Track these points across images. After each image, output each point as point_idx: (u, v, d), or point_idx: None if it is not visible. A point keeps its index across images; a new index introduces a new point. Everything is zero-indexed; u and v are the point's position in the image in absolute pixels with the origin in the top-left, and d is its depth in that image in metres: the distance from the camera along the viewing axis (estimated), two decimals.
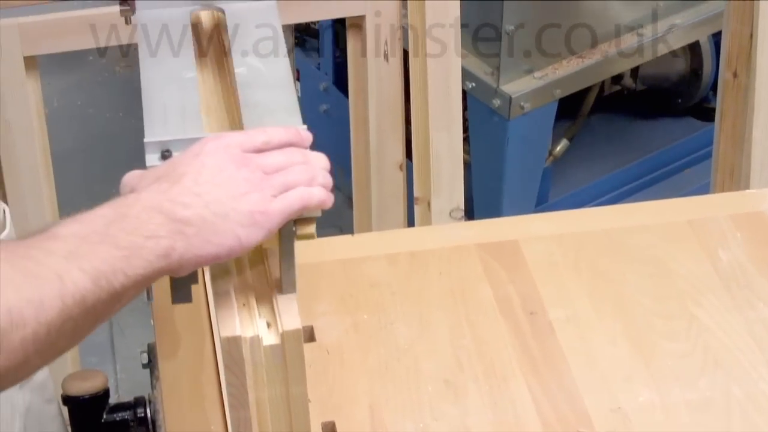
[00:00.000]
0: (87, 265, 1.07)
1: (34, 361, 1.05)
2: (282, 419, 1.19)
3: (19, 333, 1.02)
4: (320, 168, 1.21)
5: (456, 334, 1.59)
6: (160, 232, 1.11)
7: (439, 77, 2.30)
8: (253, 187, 1.15)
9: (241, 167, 1.16)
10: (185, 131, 1.26)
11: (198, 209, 1.13)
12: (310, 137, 1.23)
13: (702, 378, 1.52)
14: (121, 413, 1.67)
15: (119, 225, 1.10)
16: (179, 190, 1.13)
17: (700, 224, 1.75)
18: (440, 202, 2.39)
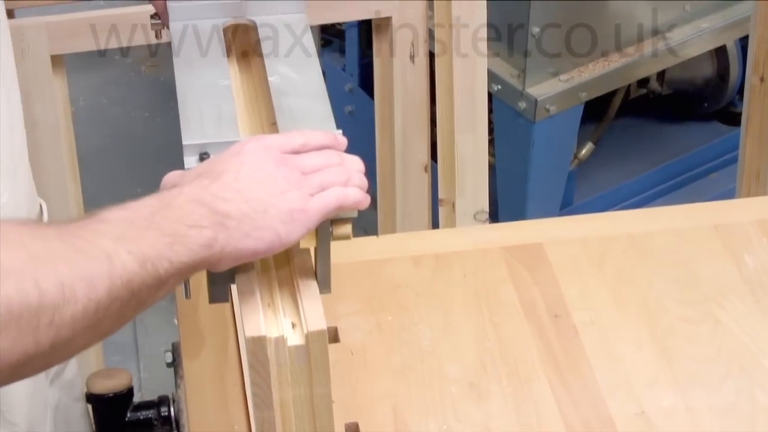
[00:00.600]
0: (134, 248, 1.08)
1: (81, 339, 1.06)
2: (306, 420, 1.20)
3: (70, 308, 1.03)
4: (356, 170, 1.23)
5: (480, 336, 1.59)
6: (202, 223, 1.12)
7: (465, 79, 2.31)
8: (291, 186, 1.17)
9: (280, 166, 1.18)
10: (222, 135, 1.27)
11: (238, 204, 1.14)
12: (345, 141, 1.24)
13: (726, 383, 1.52)
14: (145, 412, 1.68)
15: (164, 213, 1.12)
16: (220, 186, 1.15)
17: (725, 229, 1.75)
18: (465, 204, 2.40)
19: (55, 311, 1.02)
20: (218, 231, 1.13)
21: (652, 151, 3.26)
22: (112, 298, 1.06)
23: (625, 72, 2.86)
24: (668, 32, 2.90)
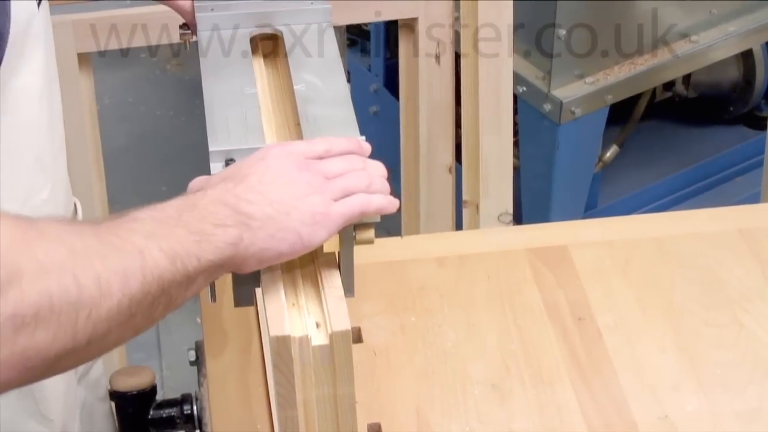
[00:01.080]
0: (165, 245, 1.10)
1: (115, 334, 1.08)
2: (329, 419, 1.20)
3: (106, 303, 1.04)
4: (378, 175, 1.23)
5: (503, 338, 1.59)
6: (227, 222, 1.14)
7: (491, 80, 2.31)
8: (314, 190, 1.18)
9: (303, 171, 1.19)
10: (248, 141, 1.28)
11: (262, 206, 1.16)
12: (369, 147, 1.25)
13: (751, 387, 1.52)
14: (168, 410, 1.68)
15: (190, 213, 1.13)
16: (244, 188, 1.16)
17: (750, 233, 1.74)
18: (489, 206, 2.39)
19: (92, 306, 1.03)
20: (243, 230, 1.14)
21: (677, 155, 3.25)
22: (144, 293, 1.08)
23: (650, 75, 2.86)
24: (694, 35, 2.90)
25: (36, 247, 1.01)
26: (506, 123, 2.35)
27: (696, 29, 2.89)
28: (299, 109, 1.34)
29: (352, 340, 1.18)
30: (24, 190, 1.39)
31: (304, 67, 1.42)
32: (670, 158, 3.24)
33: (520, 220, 2.83)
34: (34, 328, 0.99)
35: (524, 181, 2.88)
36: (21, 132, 1.36)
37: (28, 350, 1.00)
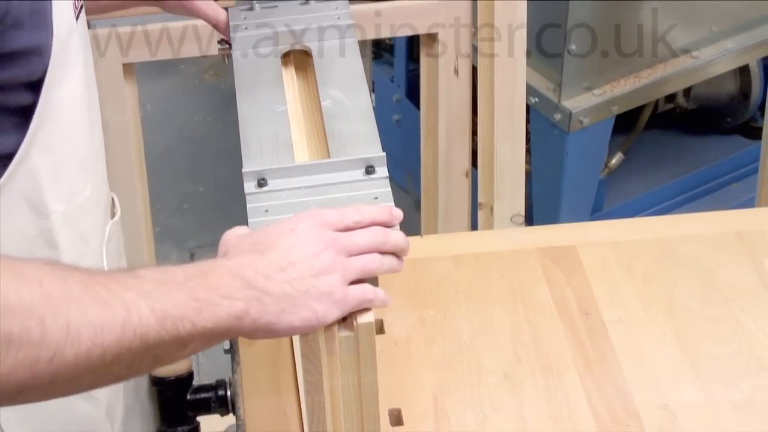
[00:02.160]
0: (157, 306, 1.07)
1: (87, 378, 1.06)
2: (353, 405, 1.20)
3: (73, 348, 1.02)
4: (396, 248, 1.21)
5: (515, 331, 1.59)
6: (236, 295, 1.11)
7: (505, 92, 2.30)
8: (335, 268, 1.15)
9: (329, 247, 1.16)
10: (278, 161, 1.28)
11: (280, 284, 1.13)
12: (401, 215, 1.21)
13: (745, 379, 1.51)
14: (204, 394, 1.69)
15: (198, 281, 1.10)
16: (266, 263, 1.13)
17: (747, 235, 1.74)
18: (502, 208, 2.39)
19: (56, 350, 1.01)
20: (252, 305, 1.11)
21: (678, 162, 3.24)
22: (122, 347, 1.05)
23: (653, 88, 2.85)
24: (695, 51, 2.89)
25: (8, 286, 1.00)
26: (519, 131, 2.35)
27: (697, 45, 2.89)
28: (326, 124, 1.34)
29: (375, 331, 1.18)
30: (68, 189, 1.39)
31: (331, 82, 1.42)
32: (672, 165, 3.23)
33: (532, 222, 2.82)
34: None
35: (535, 185, 2.87)
36: (65, 137, 1.36)
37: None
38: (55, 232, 1.38)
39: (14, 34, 1.21)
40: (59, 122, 1.34)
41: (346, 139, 1.32)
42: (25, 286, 1.01)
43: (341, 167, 1.28)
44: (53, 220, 1.37)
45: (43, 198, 1.35)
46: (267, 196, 1.26)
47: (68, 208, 1.39)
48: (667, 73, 2.85)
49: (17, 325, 0.99)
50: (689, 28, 2.87)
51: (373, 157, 1.28)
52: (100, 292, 1.05)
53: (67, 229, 1.40)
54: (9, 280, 1.00)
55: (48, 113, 1.31)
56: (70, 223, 1.40)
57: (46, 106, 1.30)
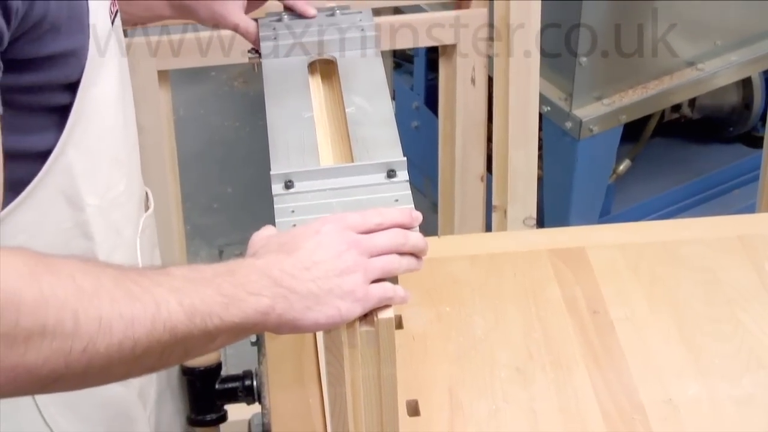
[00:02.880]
0: (187, 301, 1.07)
1: (118, 369, 1.06)
2: (373, 396, 1.19)
3: (105, 340, 1.03)
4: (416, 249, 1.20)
5: (527, 328, 1.59)
6: (263, 292, 1.11)
7: (519, 101, 2.30)
8: (357, 268, 1.15)
9: (351, 248, 1.16)
10: (304, 164, 1.28)
11: (305, 282, 1.13)
12: (419, 218, 1.21)
13: (745, 376, 1.51)
14: (231, 384, 1.69)
15: (227, 278, 1.11)
16: (292, 263, 1.13)
17: (748, 239, 1.73)
18: (515, 211, 2.39)
19: (89, 341, 1.02)
20: (278, 301, 1.12)
21: (682, 169, 3.24)
22: (152, 339, 1.05)
23: (660, 98, 2.85)
24: (700, 64, 2.88)
25: (42, 280, 1.00)
26: (532, 138, 2.34)
27: (702, 58, 2.88)
28: (350, 130, 1.34)
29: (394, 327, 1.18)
30: (103, 184, 1.40)
31: (355, 90, 1.42)
32: (677, 172, 3.22)
33: (543, 224, 2.82)
34: (25, 350, 0.99)
35: (547, 189, 2.87)
36: (100, 134, 1.36)
37: (18, 367, 0.99)
38: (90, 224, 1.38)
39: (52, 38, 1.21)
40: (94, 121, 1.34)
41: (369, 144, 1.32)
42: (59, 280, 1.02)
43: (364, 171, 1.28)
44: (88, 212, 1.37)
45: (79, 192, 1.35)
46: (293, 198, 1.26)
47: (102, 201, 1.40)
48: (673, 85, 2.84)
49: (52, 317, 1.00)
50: (694, 42, 2.86)
51: (394, 161, 1.28)
52: (131, 288, 1.05)
53: (101, 221, 1.40)
54: (44, 275, 1.01)
55: (84, 112, 1.31)
56: (104, 216, 1.40)
57: (82, 106, 1.30)
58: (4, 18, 1.10)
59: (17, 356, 0.99)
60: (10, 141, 1.13)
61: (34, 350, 1.00)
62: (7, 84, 1.13)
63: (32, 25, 1.16)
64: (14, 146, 1.19)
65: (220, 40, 2.22)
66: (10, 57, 1.14)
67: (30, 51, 1.19)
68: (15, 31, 1.13)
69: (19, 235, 1.28)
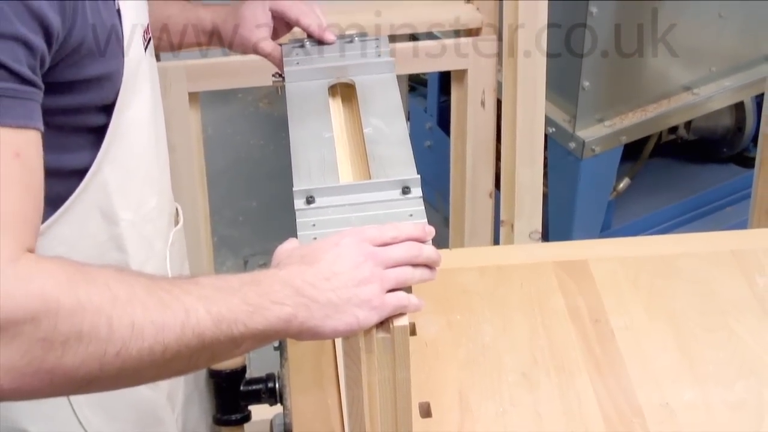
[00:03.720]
0: (214, 309, 1.08)
1: (149, 372, 1.07)
2: (388, 398, 1.19)
3: (137, 344, 1.03)
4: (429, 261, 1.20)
5: (533, 335, 1.58)
6: (286, 301, 1.11)
7: (526, 123, 2.30)
8: (374, 279, 1.15)
9: (369, 260, 1.16)
10: (325, 181, 1.28)
11: (326, 292, 1.13)
12: (432, 232, 1.21)
13: (738, 382, 1.50)
14: (255, 386, 1.69)
15: (252, 287, 1.11)
16: (313, 273, 1.14)
17: (740, 254, 1.72)
18: (522, 225, 2.38)
19: (122, 346, 1.02)
20: (300, 310, 1.12)
21: (679, 187, 3.23)
22: (180, 344, 1.06)
23: (658, 120, 2.84)
24: (695, 88, 2.88)
25: (79, 288, 1.01)
26: (538, 157, 2.34)
27: (697, 83, 2.88)
28: (367, 149, 1.34)
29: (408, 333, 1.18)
30: (136, 200, 1.40)
31: (372, 112, 1.42)
32: (673, 190, 3.22)
33: (548, 238, 2.81)
34: (62, 354, 1.00)
35: (551, 205, 2.86)
36: (134, 153, 1.37)
37: (56, 369, 1.00)
38: (124, 237, 1.38)
39: (89, 63, 1.21)
40: (128, 140, 1.34)
41: (385, 163, 1.31)
42: (95, 288, 1.02)
43: (380, 187, 1.28)
44: (122, 226, 1.38)
45: (113, 207, 1.35)
46: (314, 212, 1.26)
47: (135, 216, 1.40)
48: (670, 108, 2.84)
49: (88, 322, 1.00)
50: (691, 68, 2.86)
51: (408, 179, 1.28)
52: (162, 296, 1.06)
53: (134, 234, 1.40)
54: (81, 283, 1.01)
55: (118, 132, 1.31)
56: (137, 230, 1.41)
57: (117, 126, 1.31)
58: (46, 41, 1.10)
59: (55, 359, 1.00)
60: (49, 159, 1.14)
61: (70, 354, 1.00)
62: (47, 105, 1.14)
63: (71, 50, 1.17)
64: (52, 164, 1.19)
65: (247, 65, 2.22)
66: (51, 80, 1.15)
67: (69, 75, 1.19)
68: (55, 55, 1.14)
69: (58, 247, 1.28)
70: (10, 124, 1.05)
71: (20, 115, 1.06)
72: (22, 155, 1.06)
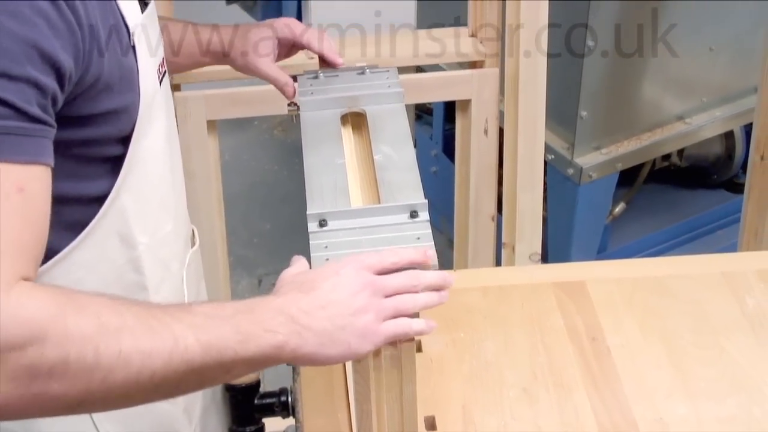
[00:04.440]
0: (204, 336, 1.07)
1: (137, 396, 1.07)
2: (396, 412, 1.19)
3: (123, 371, 1.03)
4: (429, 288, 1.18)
5: (533, 352, 1.58)
6: (278, 329, 1.10)
7: (527, 150, 2.30)
8: (370, 308, 1.13)
9: (366, 289, 1.14)
10: (337, 205, 1.28)
11: (321, 320, 1.12)
12: (434, 256, 1.19)
13: (729, 398, 1.49)
14: (269, 399, 1.69)
15: (245, 316, 1.10)
16: (309, 302, 1.12)
17: (731, 275, 1.72)
18: (522, 248, 2.38)
19: (108, 372, 1.02)
20: (292, 338, 1.10)
21: (672, 211, 3.22)
22: (168, 370, 1.05)
23: (652, 148, 2.84)
24: (688, 118, 2.88)
25: (68, 317, 1.01)
26: (538, 183, 2.34)
27: (689, 113, 2.88)
28: (377, 175, 1.34)
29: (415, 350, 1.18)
30: (153, 225, 1.40)
31: (382, 139, 1.41)
32: (667, 214, 3.21)
33: (547, 260, 2.81)
34: (48, 380, 1.00)
35: (551, 228, 2.86)
36: (149, 180, 1.37)
37: (42, 395, 1.00)
38: (141, 260, 1.38)
39: (106, 97, 1.21)
40: (145, 169, 1.34)
41: (394, 188, 1.31)
42: (84, 318, 1.02)
43: (389, 211, 1.28)
44: (140, 250, 1.37)
45: (132, 232, 1.35)
46: (327, 235, 1.26)
47: (152, 240, 1.40)
48: (663, 136, 2.84)
49: (74, 351, 1.00)
50: (683, 99, 2.86)
51: (416, 203, 1.28)
52: (152, 324, 1.06)
53: (151, 257, 1.40)
54: (70, 312, 1.02)
55: (136, 161, 1.31)
56: (153, 253, 1.40)
57: (134, 156, 1.31)
58: (58, 82, 1.10)
59: (41, 385, 1.00)
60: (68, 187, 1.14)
61: (56, 380, 1.01)
62: (67, 138, 1.14)
63: (88, 86, 1.17)
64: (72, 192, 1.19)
65: (264, 94, 2.23)
66: (68, 114, 1.15)
67: (86, 109, 1.19)
68: (71, 92, 1.14)
69: (77, 271, 1.29)
70: (16, 160, 1.05)
71: (27, 151, 1.06)
72: (26, 189, 1.06)
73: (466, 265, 2.51)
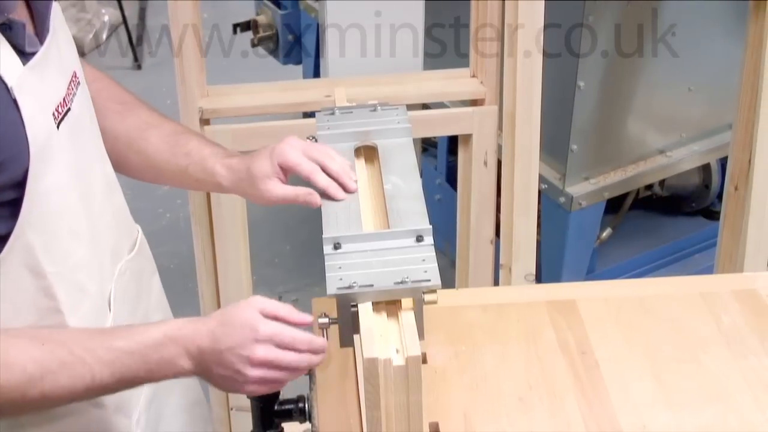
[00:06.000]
0: (117, 372, 1.25)
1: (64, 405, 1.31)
2: (403, 419, 1.19)
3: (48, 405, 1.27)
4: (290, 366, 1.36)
5: (528, 364, 1.57)
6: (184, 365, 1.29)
7: (522, 180, 2.29)
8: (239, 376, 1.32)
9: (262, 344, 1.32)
10: (350, 230, 1.30)
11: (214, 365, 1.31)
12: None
13: (707, 408, 1.48)
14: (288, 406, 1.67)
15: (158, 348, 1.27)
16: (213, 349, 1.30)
17: (708, 295, 1.71)
18: (518, 269, 2.37)
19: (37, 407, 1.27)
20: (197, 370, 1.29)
21: (654, 236, 3.22)
22: (87, 396, 1.26)
23: (636, 179, 2.84)
24: (668, 152, 2.88)
25: None
26: (532, 209, 2.33)
27: (670, 147, 2.88)
28: (387, 204, 1.34)
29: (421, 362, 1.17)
30: (62, 254, 1.33)
31: (391, 171, 1.42)
32: (650, 239, 3.21)
33: (541, 280, 2.80)
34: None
35: (544, 251, 2.85)
36: (54, 214, 1.29)
37: None
38: (53, 287, 1.32)
39: None
40: (48, 204, 1.27)
41: (402, 215, 1.32)
42: (11, 372, 1.18)
43: (397, 236, 1.28)
44: (50, 279, 1.31)
45: (39, 264, 1.29)
46: (341, 257, 1.26)
47: (63, 267, 1.33)
48: (646, 168, 2.84)
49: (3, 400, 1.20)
50: (664, 134, 2.86)
51: (422, 228, 1.28)
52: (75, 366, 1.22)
53: (63, 283, 1.33)
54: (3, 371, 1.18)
55: (37, 200, 1.25)
56: (65, 279, 1.33)
57: (34, 196, 1.24)
58: None
59: None
60: None
61: None
62: None
63: None
64: None
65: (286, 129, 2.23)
66: None
67: None
68: None
69: None
70: None
71: None
72: None
73: (467, 285, 2.50)
